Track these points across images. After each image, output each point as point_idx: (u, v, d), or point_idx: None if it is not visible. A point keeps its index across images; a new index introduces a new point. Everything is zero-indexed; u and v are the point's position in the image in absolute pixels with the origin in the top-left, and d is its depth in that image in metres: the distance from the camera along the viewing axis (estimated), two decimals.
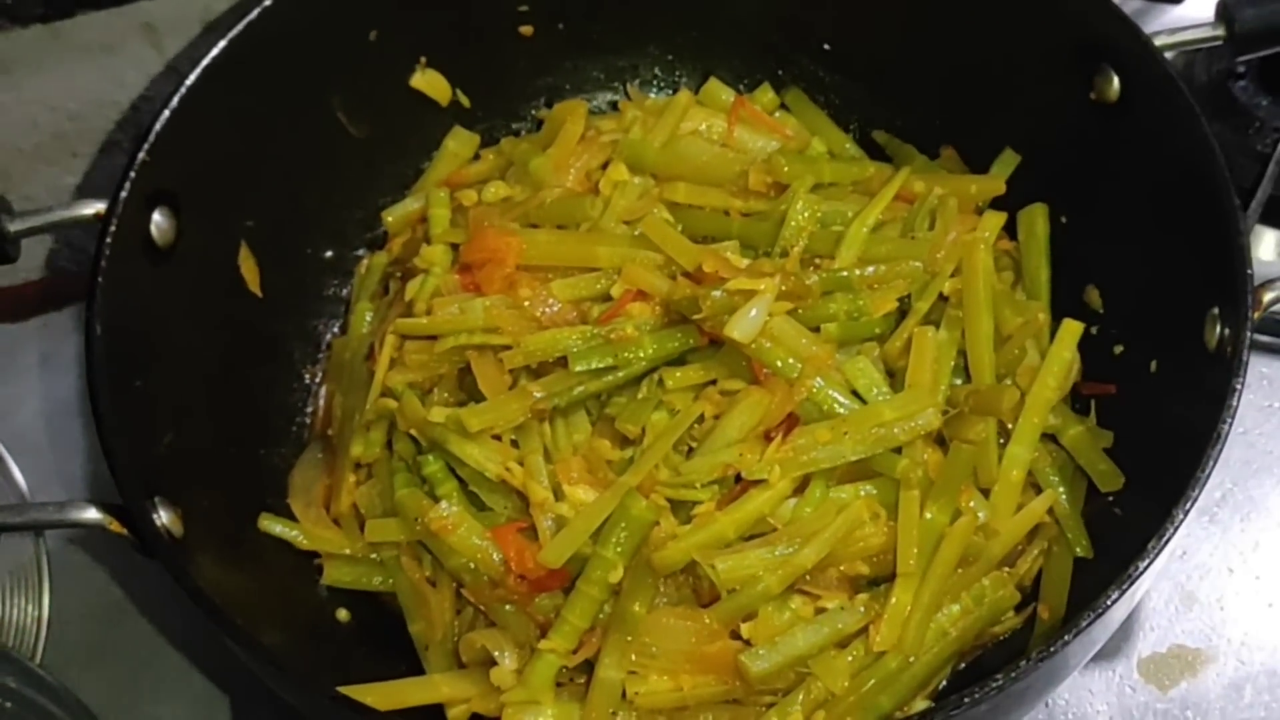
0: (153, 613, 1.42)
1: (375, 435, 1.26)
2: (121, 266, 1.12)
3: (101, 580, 1.43)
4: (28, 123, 1.52)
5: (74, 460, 1.49)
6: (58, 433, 1.50)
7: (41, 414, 1.52)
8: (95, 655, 1.36)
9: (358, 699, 0.99)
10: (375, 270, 1.39)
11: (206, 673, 1.38)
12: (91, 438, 1.48)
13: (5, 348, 1.56)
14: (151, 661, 1.39)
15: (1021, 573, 1.19)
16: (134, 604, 1.42)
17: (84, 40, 1.47)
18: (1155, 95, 1.20)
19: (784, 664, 1.10)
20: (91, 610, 1.41)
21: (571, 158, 1.35)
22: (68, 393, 1.54)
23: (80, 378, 1.54)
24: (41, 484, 1.44)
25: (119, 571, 1.44)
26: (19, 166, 1.55)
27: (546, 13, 1.43)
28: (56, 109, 1.52)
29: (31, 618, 1.39)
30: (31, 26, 1.46)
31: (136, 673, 1.37)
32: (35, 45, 1.46)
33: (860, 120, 1.47)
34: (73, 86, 1.51)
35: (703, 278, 1.21)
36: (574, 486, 1.16)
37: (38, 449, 1.47)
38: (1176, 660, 1.31)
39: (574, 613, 1.12)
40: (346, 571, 1.24)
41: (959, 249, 1.27)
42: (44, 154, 1.55)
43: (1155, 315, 1.23)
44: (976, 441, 1.18)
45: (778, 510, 1.14)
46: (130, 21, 1.48)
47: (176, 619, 1.42)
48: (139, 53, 1.51)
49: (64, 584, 1.39)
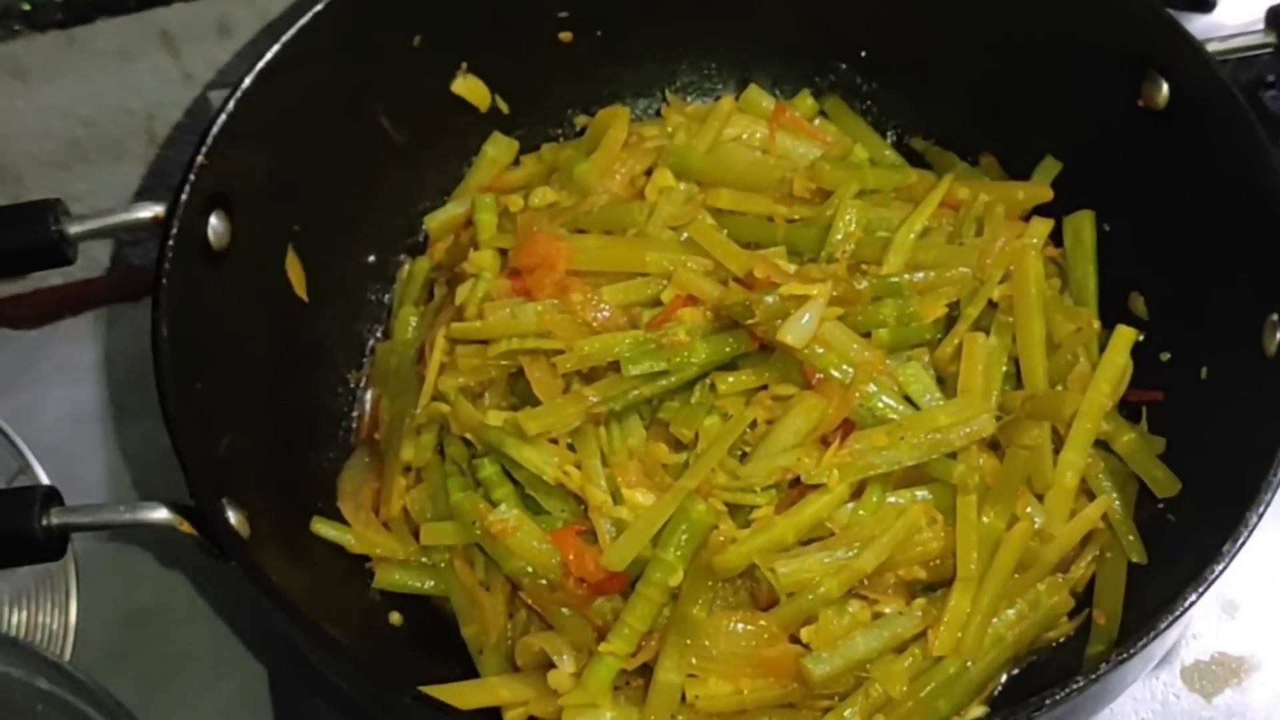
0: (178, 618, 1.42)
1: (426, 439, 1.26)
2: (181, 269, 1.12)
3: (126, 585, 1.43)
4: (41, 129, 1.53)
5: (94, 466, 1.49)
6: (77, 438, 1.50)
7: (61, 419, 1.52)
8: (120, 660, 1.36)
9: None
10: (418, 275, 1.39)
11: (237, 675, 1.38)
12: (112, 445, 1.50)
13: (23, 354, 1.56)
14: (177, 667, 1.39)
15: (1075, 578, 1.20)
16: (159, 609, 1.42)
17: (101, 47, 1.48)
18: (1207, 103, 1.20)
19: (845, 668, 1.10)
20: (116, 615, 1.41)
21: (616, 163, 1.36)
22: (86, 398, 1.54)
23: (98, 384, 1.55)
24: (64, 490, 1.42)
25: (144, 576, 1.44)
26: (31, 172, 1.56)
27: (585, 19, 1.43)
28: (70, 115, 1.53)
29: (59, 622, 1.39)
30: (49, 32, 1.46)
31: (162, 678, 1.37)
32: (52, 52, 1.47)
33: (899, 127, 1.47)
34: (88, 93, 1.52)
35: (753, 283, 1.22)
36: (632, 490, 1.16)
37: (57, 453, 1.46)
38: (1220, 668, 1.31)
39: (633, 616, 1.12)
40: (398, 575, 1.24)
41: (1008, 255, 1.27)
42: (57, 160, 1.56)
43: (1205, 322, 1.23)
44: (1032, 447, 1.18)
45: (836, 515, 1.14)
46: (148, 29, 1.49)
47: (202, 624, 1.42)
48: (155, 60, 1.52)
49: (90, 588, 1.39)
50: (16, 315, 1.57)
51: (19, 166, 1.55)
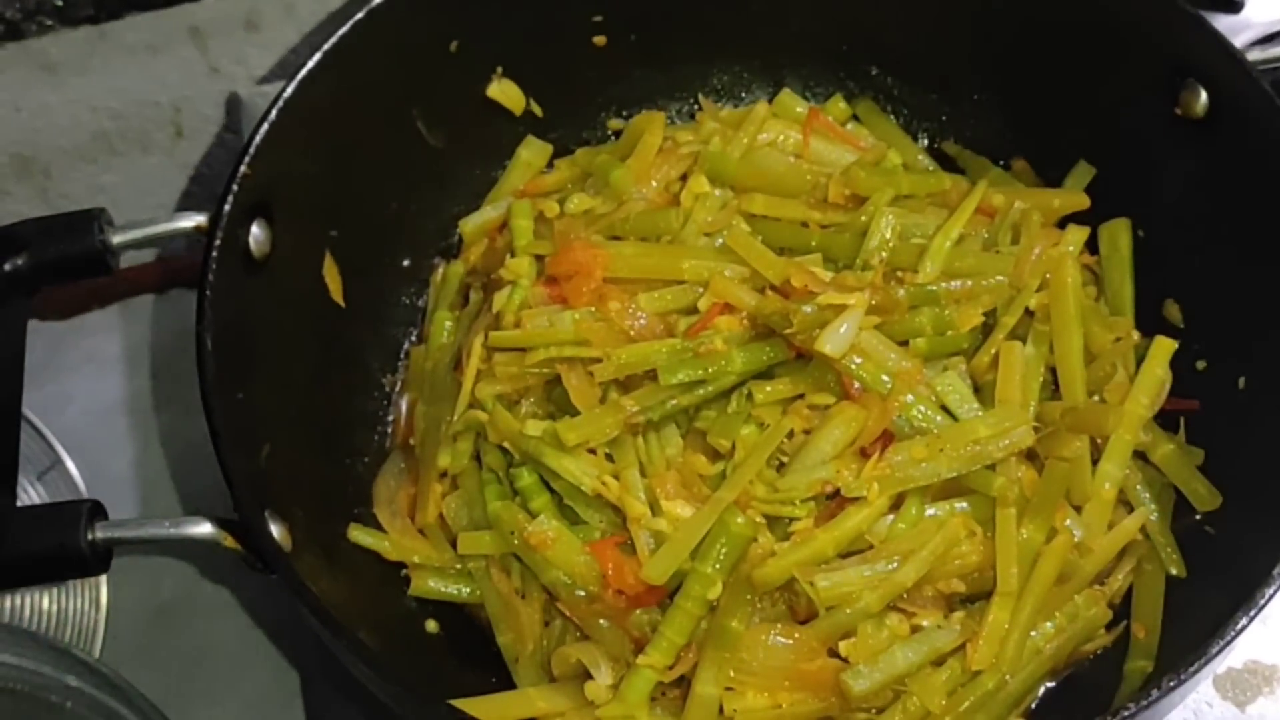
0: (208, 612, 1.43)
1: (463, 446, 1.26)
2: (224, 279, 1.12)
3: (157, 579, 1.44)
4: (70, 122, 1.54)
5: (121, 458, 1.50)
6: (104, 430, 1.52)
7: (88, 412, 1.53)
8: (150, 653, 1.38)
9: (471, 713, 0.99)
10: (452, 279, 1.39)
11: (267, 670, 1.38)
12: (141, 438, 1.51)
13: (51, 346, 1.57)
14: (206, 660, 1.40)
15: (1113, 591, 1.19)
16: (190, 603, 1.44)
17: (130, 41, 1.50)
18: (1247, 112, 1.20)
19: (884, 683, 1.10)
20: (148, 608, 1.43)
21: (651, 169, 1.35)
22: (114, 391, 1.55)
23: (125, 375, 1.57)
24: (93, 483, 1.45)
25: (175, 570, 1.45)
26: (59, 164, 1.57)
27: (619, 24, 1.43)
28: (99, 108, 1.54)
29: (90, 618, 1.40)
30: (80, 27, 1.47)
31: (191, 671, 1.38)
32: (83, 46, 1.49)
33: (931, 131, 1.47)
34: (116, 87, 1.53)
35: (789, 291, 1.21)
36: (670, 501, 1.16)
37: (85, 446, 1.48)
38: (1253, 676, 1.30)
39: (672, 628, 1.12)
40: (434, 582, 1.24)
41: (1044, 263, 1.27)
42: (84, 153, 1.57)
43: (1242, 331, 1.23)
44: (1071, 459, 1.18)
45: (875, 527, 1.14)
46: (176, 24, 1.51)
47: (231, 619, 1.43)
48: (183, 54, 1.53)
49: (121, 581, 1.41)
50: (44, 307, 1.59)
51: (48, 159, 1.57)
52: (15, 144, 1.55)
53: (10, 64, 1.48)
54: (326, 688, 1.28)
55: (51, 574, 1.05)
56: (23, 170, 1.58)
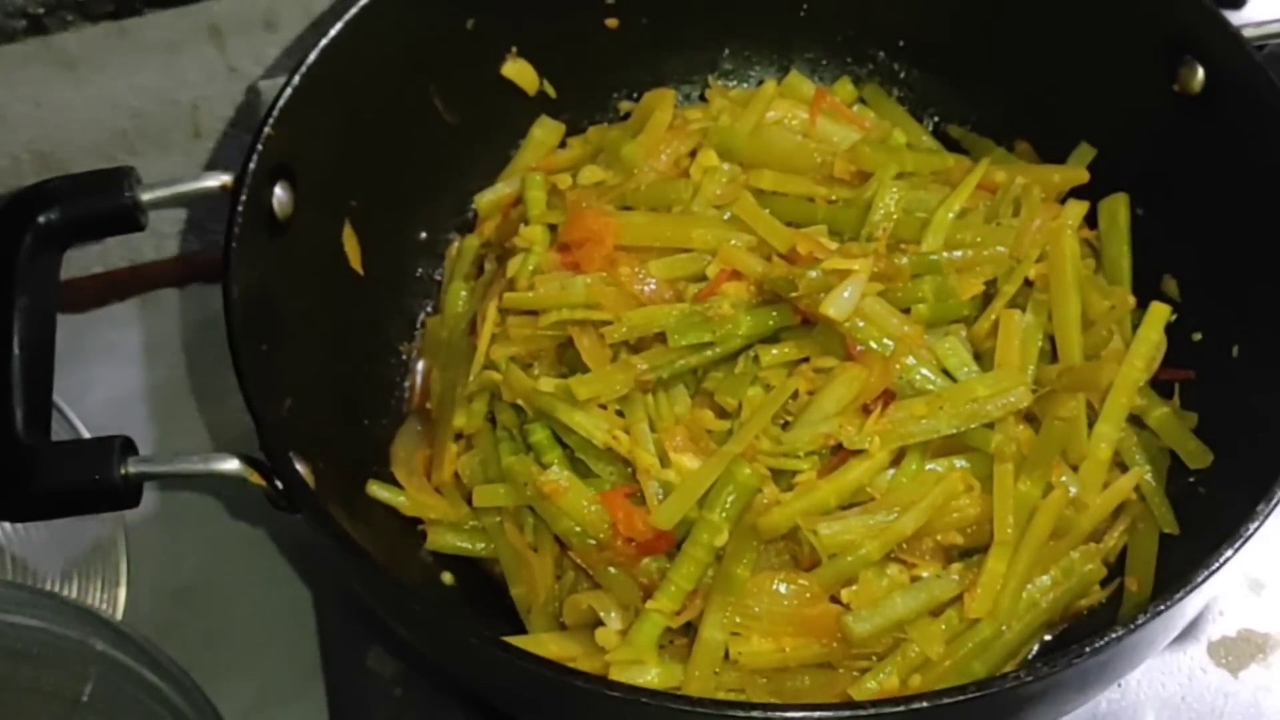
0: (226, 592, 1.46)
1: (477, 406, 1.29)
2: (248, 236, 1.15)
3: (175, 561, 1.47)
4: (89, 119, 1.56)
5: (141, 447, 1.50)
6: (124, 420, 1.54)
7: (108, 401, 1.56)
8: (169, 634, 1.39)
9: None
10: (467, 252, 1.43)
11: (284, 649, 1.41)
12: (155, 428, 1.55)
13: (70, 338, 1.56)
14: (224, 642, 1.43)
15: (1108, 548, 1.22)
16: (208, 584, 1.47)
17: (149, 39, 1.51)
18: (1244, 88, 1.23)
19: (884, 627, 1.13)
20: (166, 590, 1.45)
21: (661, 144, 1.38)
22: (133, 382, 1.58)
23: (144, 367, 1.60)
24: None
25: (193, 552, 1.48)
26: (79, 161, 1.58)
27: (632, 7, 1.46)
28: (119, 106, 1.55)
29: (109, 597, 1.43)
30: (101, 23, 1.49)
31: (210, 652, 1.40)
32: (103, 43, 1.50)
33: (937, 114, 1.50)
34: (135, 84, 1.54)
35: (795, 259, 1.25)
36: (679, 454, 1.19)
37: (105, 433, 1.48)
38: (1247, 644, 1.33)
39: (679, 574, 1.15)
40: (449, 538, 1.27)
41: (1044, 235, 1.30)
42: (103, 150, 1.58)
43: (1237, 303, 1.26)
44: (1068, 418, 1.21)
45: (876, 480, 1.17)
46: (195, 22, 1.52)
47: (250, 599, 1.46)
48: (202, 52, 1.54)
49: (139, 564, 1.44)
50: (65, 299, 1.60)
51: (67, 155, 1.58)
52: (35, 140, 1.56)
53: (31, 60, 1.49)
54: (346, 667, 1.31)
55: (85, 505, 1.07)
56: (42, 167, 1.59)
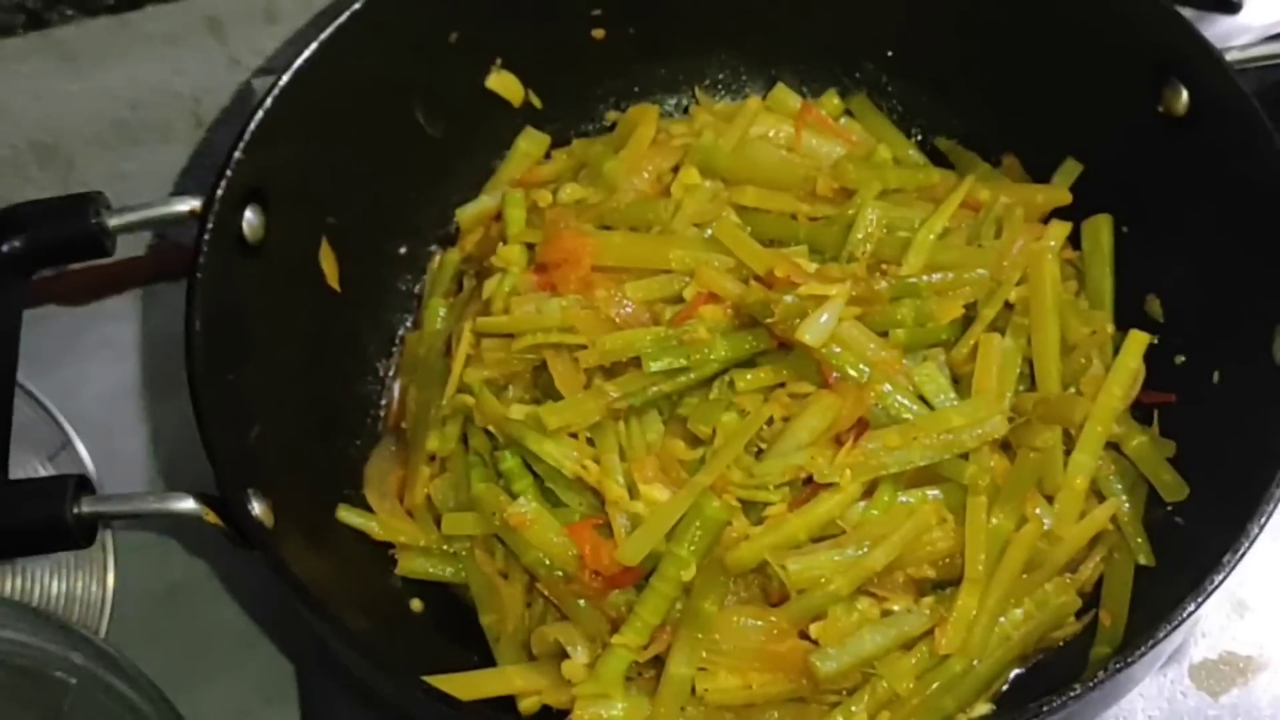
0: (213, 593, 1.45)
1: (450, 429, 1.29)
2: (216, 262, 1.15)
3: (163, 560, 1.46)
4: (91, 111, 1.55)
5: (134, 442, 1.52)
6: (119, 415, 1.53)
7: (103, 397, 1.55)
8: (155, 633, 1.39)
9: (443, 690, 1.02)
10: (448, 267, 1.42)
11: (269, 652, 1.41)
12: (152, 422, 1.53)
13: (66, 332, 1.59)
14: (211, 641, 1.42)
15: (1083, 579, 1.21)
16: (195, 584, 1.46)
17: (149, 31, 1.50)
18: (1226, 111, 1.21)
19: (852, 665, 1.12)
20: (152, 589, 1.45)
21: (643, 161, 1.37)
22: (128, 376, 1.57)
23: (140, 362, 1.58)
24: (104, 466, 1.48)
25: (181, 552, 1.47)
26: (81, 152, 1.58)
27: (618, 17, 1.45)
28: (119, 98, 1.55)
29: (96, 595, 1.43)
30: (100, 17, 1.48)
31: (196, 652, 1.40)
32: (103, 35, 1.49)
33: (924, 127, 1.49)
34: (136, 76, 1.54)
35: (774, 282, 1.23)
36: (649, 485, 1.18)
37: (99, 431, 1.50)
38: (1228, 667, 1.32)
39: (646, 609, 1.14)
40: (420, 562, 1.27)
41: (1025, 257, 1.29)
42: (105, 141, 1.58)
43: (1219, 328, 1.25)
44: (1043, 449, 1.20)
45: (847, 513, 1.17)
46: (195, 15, 1.51)
47: (236, 599, 1.45)
48: (202, 45, 1.53)
49: (125, 562, 1.43)
50: (63, 291, 1.61)
51: (69, 147, 1.57)
52: (37, 131, 1.56)
53: (31, 53, 1.48)
54: (321, 675, 1.31)
55: (38, 546, 1.07)
56: (45, 157, 1.59)
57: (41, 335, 1.54)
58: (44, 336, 1.55)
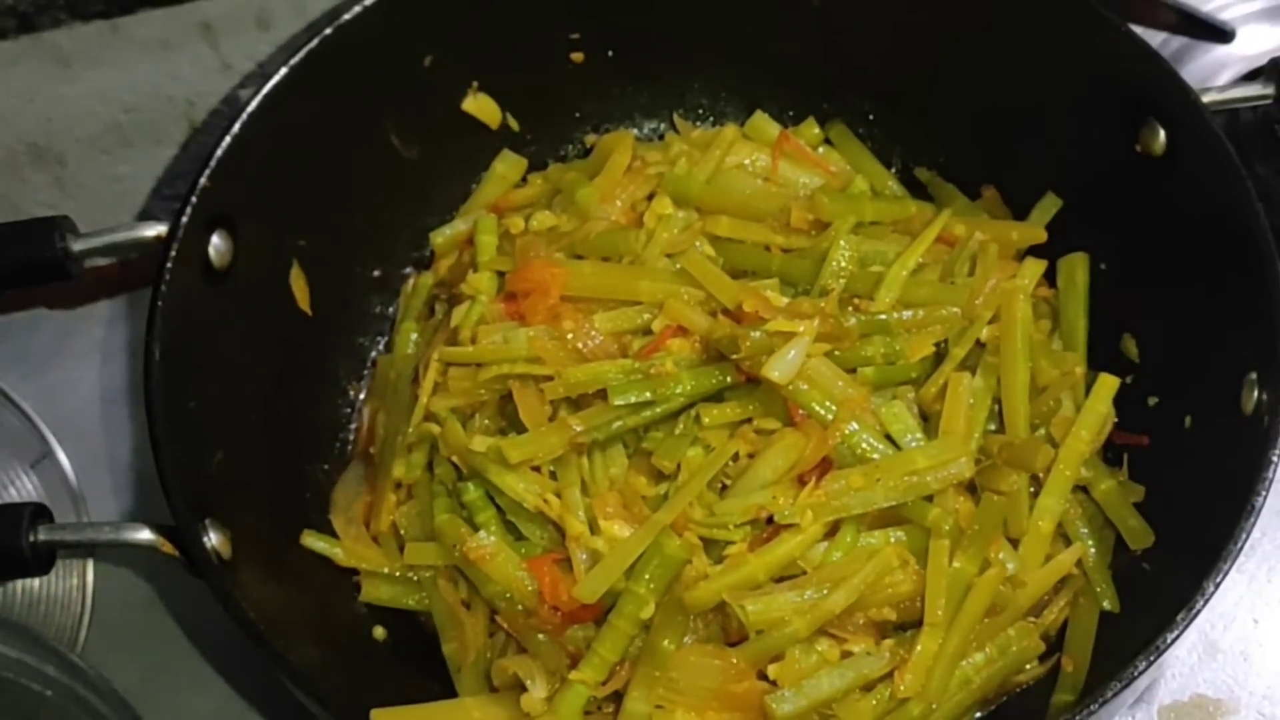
0: (192, 603, 1.43)
1: (417, 457, 1.28)
2: (180, 289, 1.14)
3: (142, 568, 1.45)
4: (85, 113, 1.55)
5: (124, 446, 1.51)
6: (109, 419, 1.53)
7: (93, 400, 1.55)
8: (134, 642, 1.39)
9: None
10: (421, 290, 1.41)
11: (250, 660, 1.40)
12: (139, 426, 1.51)
13: (58, 335, 1.58)
14: (190, 650, 1.41)
15: (1047, 623, 1.21)
16: (174, 593, 1.44)
17: (142, 36, 1.50)
18: (1201, 152, 1.21)
19: (809, 707, 1.12)
20: (131, 597, 1.44)
21: (617, 189, 1.37)
22: (119, 380, 1.56)
23: (131, 366, 1.57)
24: (91, 469, 1.47)
25: (160, 558, 1.46)
26: (75, 155, 1.58)
27: (597, 41, 1.44)
28: (113, 101, 1.55)
29: (75, 602, 1.42)
30: (93, 22, 1.48)
31: (175, 660, 1.39)
32: (96, 40, 1.49)
33: (903, 156, 1.48)
34: (129, 81, 1.53)
35: (742, 316, 1.23)
36: (609, 521, 1.17)
37: (88, 434, 1.50)
38: (1198, 710, 1.31)
39: (605, 645, 1.14)
40: (384, 590, 1.26)
41: (998, 296, 1.28)
42: (99, 144, 1.58)
43: (1191, 371, 1.24)
44: (1009, 493, 1.19)
45: (808, 554, 1.16)
46: (188, 20, 1.51)
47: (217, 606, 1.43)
48: (195, 50, 1.53)
49: (105, 570, 1.42)
50: (54, 295, 1.60)
51: (63, 149, 1.57)
52: (30, 134, 1.56)
53: (24, 56, 1.48)
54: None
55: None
56: (38, 159, 1.59)
57: (30, 338, 1.55)
58: (33, 340, 1.55)
